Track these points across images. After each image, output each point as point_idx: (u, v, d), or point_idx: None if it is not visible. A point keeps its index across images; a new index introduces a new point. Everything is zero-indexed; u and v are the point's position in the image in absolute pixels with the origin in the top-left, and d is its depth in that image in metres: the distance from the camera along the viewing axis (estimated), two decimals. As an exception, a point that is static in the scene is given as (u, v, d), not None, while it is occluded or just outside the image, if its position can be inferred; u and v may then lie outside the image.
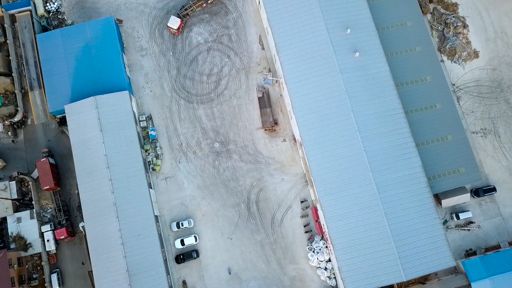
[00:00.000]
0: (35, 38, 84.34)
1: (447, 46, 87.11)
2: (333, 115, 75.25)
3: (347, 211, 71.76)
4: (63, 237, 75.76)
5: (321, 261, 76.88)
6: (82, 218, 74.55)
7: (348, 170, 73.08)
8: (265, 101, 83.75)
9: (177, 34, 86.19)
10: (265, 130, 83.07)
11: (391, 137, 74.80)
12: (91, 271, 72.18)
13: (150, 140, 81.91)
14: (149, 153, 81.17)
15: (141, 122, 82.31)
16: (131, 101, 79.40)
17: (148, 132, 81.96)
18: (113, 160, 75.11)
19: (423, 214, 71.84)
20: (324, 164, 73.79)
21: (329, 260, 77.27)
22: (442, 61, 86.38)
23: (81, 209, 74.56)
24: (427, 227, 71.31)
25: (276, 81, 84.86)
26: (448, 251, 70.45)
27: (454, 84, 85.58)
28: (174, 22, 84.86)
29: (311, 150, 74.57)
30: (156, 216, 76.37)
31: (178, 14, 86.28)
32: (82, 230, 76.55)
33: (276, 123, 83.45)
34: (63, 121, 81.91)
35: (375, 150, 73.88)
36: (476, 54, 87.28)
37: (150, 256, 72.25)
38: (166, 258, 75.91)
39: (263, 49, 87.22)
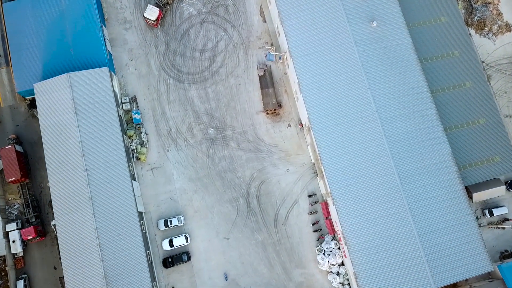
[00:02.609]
0: (1, 8, 73.39)
1: (475, 18, 76.18)
2: (347, 94, 64.36)
3: (364, 206, 60.88)
4: (31, 237, 64.76)
5: (333, 265, 65.91)
6: (54, 215, 63.73)
7: (365, 158, 62.20)
8: (267, 80, 72.80)
9: (155, 26, 74.83)
10: (267, 113, 72.16)
11: (415, 119, 63.94)
12: (63, 277, 61.31)
13: (134, 125, 70.90)
14: (132, 140, 70.20)
15: (123, 105, 71.34)
16: (111, 80, 68.44)
17: (131, 116, 70.97)
18: (89, 147, 64.18)
19: (454, 209, 61.04)
20: (336, 151, 62.88)
21: (342, 264, 66.33)
22: (470, 35, 75.35)
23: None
24: (459, 225, 60.51)
25: (280, 57, 73.88)
26: (484, 253, 59.67)
27: (483, 62, 74.63)
28: (152, 12, 72.92)
29: (322, 135, 63.64)
30: (140, 213, 65.49)
31: (156, 2, 74.83)
32: (54, 229, 65.54)
33: (279, 106, 72.52)
34: (33, 104, 70.78)
35: (397, 134, 63.01)
36: (508, 27, 76.40)
37: (132, 259, 61.35)
38: (151, 262, 65.01)
39: (265, 21, 76.30)
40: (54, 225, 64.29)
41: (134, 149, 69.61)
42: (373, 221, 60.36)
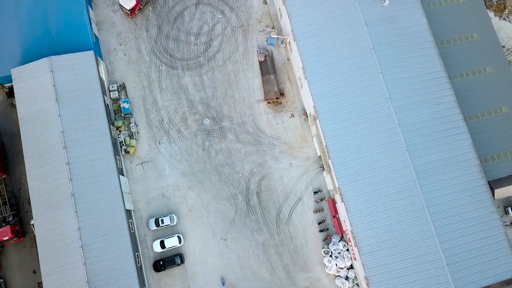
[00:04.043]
0: (-22, -12, 67.26)
1: (495, -1, 70.25)
2: (357, 80, 58.30)
3: (377, 204, 54.78)
4: (7, 237, 58.51)
5: (341, 268, 59.81)
6: (33, 213, 57.52)
7: (377, 150, 56.10)
8: (268, 67, 66.68)
9: (131, 16, 68.52)
10: (268, 102, 66.05)
11: (432, 107, 57.86)
12: (41, 282, 55.20)
13: (123, 115, 64.72)
14: (121, 131, 64.00)
15: (111, 93, 65.15)
16: (97, 65, 62.28)
17: (120, 105, 64.78)
18: (71, 139, 58.04)
19: (477, 207, 54.98)
20: (345, 142, 56.81)
21: (351, 267, 60.21)
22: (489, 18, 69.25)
23: (32, 202, 57.63)
24: (482, 224, 54.45)
25: (282, 42, 67.76)
26: (511, 255, 53.42)
27: (504, 46, 68.50)
28: (128, 1, 66.78)
29: (329, 125, 57.54)
30: (128, 211, 59.35)
31: None
32: (33, 228, 59.33)
33: (282, 94, 66.39)
34: (13, 92, 64.43)
35: (412, 124, 56.97)
36: (530, 9, 70.53)
37: (119, 262, 55.22)
38: (141, 265, 58.88)
39: (265, 3, 70.24)
40: (33, 225, 58.14)
41: (122, 141, 63.41)
42: (386, 220, 54.23)
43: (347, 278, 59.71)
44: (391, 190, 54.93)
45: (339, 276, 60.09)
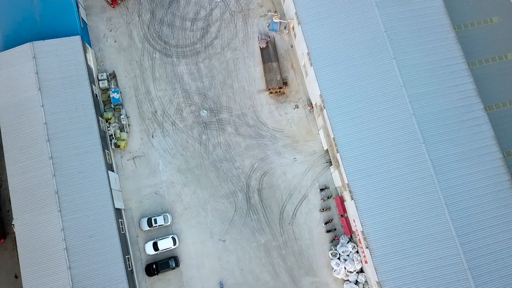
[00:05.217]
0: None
1: (514, -19, 65.10)
2: (368, 66, 53.37)
3: (390, 201, 49.81)
4: (-14, 239, 53.92)
5: (350, 272, 54.86)
6: (15, 212, 52.61)
7: (390, 143, 51.16)
8: (270, 54, 61.72)
9: (112, 6, 63.60)
10: (271, 92, 61.09)
11: (451, 96, 52.90)
12: (22, 288, 50.49)
13: (113, 106, 59.75)
14: (110, 124, 59.05)
15: (100, 82, 60.16)
16: (85, 52, 57.39)
17: (109, 96, 59.81)
18: (56, 131, 53.24)
19: (500, 205, 49.93)
20: (355, 134, 51.86)
21: (362, 271, 55.32)
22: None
23: (14, 200, 52.75)
24: (507, 224, 49.36)
25: (285, 27, 62.79)
26: (539, 258, 48.55)
27: (524, 32, 63.53)
28: None
29: (337, 116, 52.60)
30: (118, 210, 54.53)
31: None
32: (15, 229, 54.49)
33: (285, 83, 61.42)
34: (-6, 81, 59.72)
35: (429, 114, 52.01)
36: (552, -8, 65.36)
37: (107, 266, 50.43)
38: (132, 269, 54.00)
39: (267, -15, 65.38)
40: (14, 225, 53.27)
41: (112, 135, 58.47)
42: (400, 219, 49.26)
43: (356, 282, 54.74)
44: (406, 186, 49.95)
45: (348, 280, 55.11)
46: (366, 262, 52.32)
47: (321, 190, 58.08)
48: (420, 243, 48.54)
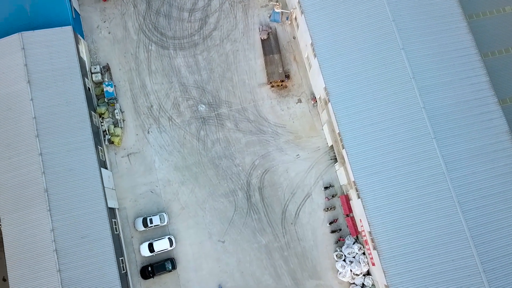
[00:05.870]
0: None
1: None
2: (375, 57, 50.49)
3: (399, 200, 46.94)
4: (-28, 240, 51.13)
5: (357, 274, 52.08)
6: (3, 212, 49.81)
7: (399, 138, 48.29)
8: (271, 45, 58.88)
9: (104, 0, 60.87)
10: (272, 86, 58.27)
11: (463, 88, 50.00)
12: (9, 292, 47.69)
13: (106, 100, 56.93)
14: (104, 119, 56.24)
15: (93, 75, 57.36)
16: (77, 43, 54.61)
17: (103, 89, 56.97)
18: (45, 126, 50.42)
19: (516, 203, 47.07)
20: (362, 129, 49.00)
21: (369, 274, 52.49)
22: (520, -10, 61.44)
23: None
24: (523, 223, 46.55)
25: (287, 18, 59.96)
26: (558, 260, 45.66)
27: (537, 22, 60.66)
28: None
29: (343, 110, 49.74)
30: (112, 209, 51.75)
31: None
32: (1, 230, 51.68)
33: (287, 76, 58.57)
34: (-18, 75, 56.92)
35: (440, 107, 49.13)
36: None
37: (100, 269, 47.61)
38: (126, 272, 51.21)
39: (268, -25, 62.53)
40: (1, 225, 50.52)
41: (106, 130, 55.67)
42: (410, 219, 46.36)
43: (363, 286, 51.95)
44: (416, 184, 47.05)
45: (354, 284, 52.32)
46: (373, 264, 49.49)
47: (326, 188, 55.23)
48: (432, 244, 45.66)
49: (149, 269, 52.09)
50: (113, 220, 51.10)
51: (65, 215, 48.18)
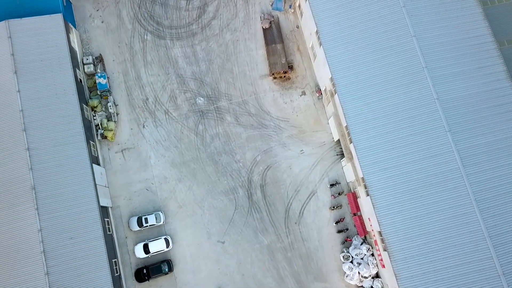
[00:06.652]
0: None
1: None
2: (385, 45, 47.44)
3: (411, 197, 43.87)
4: (-45, 241, 47.90)
5: (365, 277, 48.94)
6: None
7: (411, 131, 45.19)
8: (273, 35, 55.75)
9: None
10: (275, 77, 55.15)
11: (478, 78, 46.89)
12: (-5, 296, 44.62)
13: (99, 93, 53.83)
14: (96, 112, 53.13)
15: (85, 66, 54.27)
16: (67, 32, 51.56)
17: (95, 81, 53.87)
18: (33, 119, 47.37)
19: (536, 201, 43.90)
20: (371, 122, 45.93)
21: (378, 276, 49.39)
22: (536, -24, 58.22)
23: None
24: (545, 222, 43.40)
25: (290, 6, 56.84)
26: None
27: (554, 11, 57.47)
28: None
29: (351, 101, 46.67)
30: (104, 208, 48.68)
31: None
32: (-11, 230, 48.65)
33: (290, 67, 55.47)
34: (-32, 66, 53.84)
35: (455, 98, 46.04)
36: None
37: (91, 271, 44.56)
38: (119, 274, 48.10)
39: (270, -39, 59.37)
40: (-13, 225, 47.39)
41: (98, 124, 52.56)
42: (424, 218, 43.29)
43: (372, 289, 48.90)
44: (430, 181, 43.96)
45: (362, 286, 49.20)
46: (383, 266, 46.35)
47: (331, 185, 52.11)
48: (446, 245, 42.57)
49: (144, 271, 48.95)
50: (105, 219, 48.02)
51: (53, 214, 45.08)
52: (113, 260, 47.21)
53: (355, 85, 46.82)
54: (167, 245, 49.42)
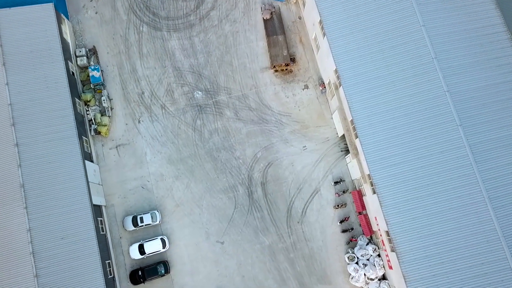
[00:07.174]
0: None
1: None
2: (392, 35, 45.04)
3: (421, 195, 41.49)
4: None
5: (371, 279, 46.64)
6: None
7: (420, 125, 42.81)
8: (275, 26, 53.39)
9: None
10: (276, 70, 52.83)
11: (491, 70, 44.45)
12: (-19, 300, 42.34)
13: (93, 86, 51.52)
14: (89, 107, 50.85)
15: (78, 59, 51.96)
16: (59, 23, 49.33)
17: (89, 74, 51.56)
18: (22, 113, 45.21)
19: (553, 199, 41.52)
20: (378, 115, 43.54)
21: (384, 278, 47.08)
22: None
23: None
24: (562, 221, 41.04)
25: (292, -5, 54.57)
26: None
27: None
28: None
29: (356, 94, 44.29)
30: (97, 207, 46.47)
31: None
32: (-24, 230, 46.33)
33: (292, 60, 53.16)
34: (-44, 59, 51.55)
35: (466, 91, 43.63)
36: None
37: (83, 273, 42.37)
38: (113, 276, 45.85)
39: (271, -51, 57.01)
40: (-26, 225, 45.08)
41: (92, 119, 50.28)
42: (434, 217, 40.92)
43: (379, 292, 46.57)
44: (440, 177, 41.59)
45: (368, 289, 46.99)
46: (391, 268, 44.04)
47: (336, 183, 49.79)
48: (458, 245, 40.19)
49: (140, 273, 46.67)
50: (98, 218, 45.77)
51: (43, 214, 42.87)
52: (107, 262, 44.97)
53: (361, 77, 44.44)
54: (164, 246, 47.12)
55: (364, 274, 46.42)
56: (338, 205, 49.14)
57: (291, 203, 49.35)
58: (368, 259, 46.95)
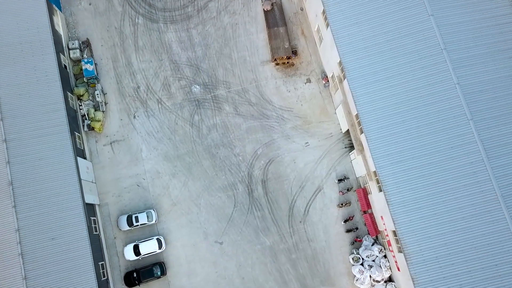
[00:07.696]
0: None
1: None
2: (399, 24, 42.93)
3: (430, 193, 39.39)
4: None
5: (377, 281, 44.54)
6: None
7: (429, 120, 40.70)
8: (276, 17, 51.29)
9: None
10: (277, 63, 50.74)
11: (502, 61, 42.35)
12: (-33, 304, 40.30)
13: (86, 80, 49.44)
14: (83, 101, 48.78)
15: (71, 51, 49.88)
16: (51, 14, 47.33)
17: (82, 67, 49.48)
18: (11, 108, 43.22)
19: None
20: (385, 110, 41.45)
21: (391, 280, 44.99)
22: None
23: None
24: None
25: (294, -14, 52.44)
26: None
27: None
28: None
29: (362, 87, 42.17)
30: (91, 206, 44.39)
31: None
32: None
33: (294, 52, 51.05)
34: None
35: (477, 83, 41.51)
36: None
37: (74, 275, 40.37)
38: (107, 278, 43.79)
39: None
40: (-39, 225, 43.05)
41: (85, 114, 48.22)
42: (444, 216, 38.85)
43: (385, 294, 44.50)
44: (450, 174, 39.50)
45: (374, 292, 44.90)
46: (398, 269, 41.95)
47: (339, 181, 47.72)
48: (470, 246, 38.12)
49: (135, 275, 44.65)
50: (91, 218, 43.71)
51: (33, 213, 40.86)
52: (100, 263, 42.92)
53: (367, 69, 42.33)
54: (160, 246, 45.06)
55: (370, 276, 44.38)
56: (342, 204, 47.05)
57: (293, 201, 47.28)
58: (373, 260, 44.87)
